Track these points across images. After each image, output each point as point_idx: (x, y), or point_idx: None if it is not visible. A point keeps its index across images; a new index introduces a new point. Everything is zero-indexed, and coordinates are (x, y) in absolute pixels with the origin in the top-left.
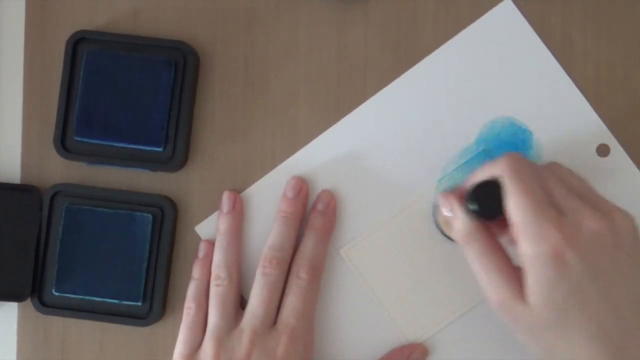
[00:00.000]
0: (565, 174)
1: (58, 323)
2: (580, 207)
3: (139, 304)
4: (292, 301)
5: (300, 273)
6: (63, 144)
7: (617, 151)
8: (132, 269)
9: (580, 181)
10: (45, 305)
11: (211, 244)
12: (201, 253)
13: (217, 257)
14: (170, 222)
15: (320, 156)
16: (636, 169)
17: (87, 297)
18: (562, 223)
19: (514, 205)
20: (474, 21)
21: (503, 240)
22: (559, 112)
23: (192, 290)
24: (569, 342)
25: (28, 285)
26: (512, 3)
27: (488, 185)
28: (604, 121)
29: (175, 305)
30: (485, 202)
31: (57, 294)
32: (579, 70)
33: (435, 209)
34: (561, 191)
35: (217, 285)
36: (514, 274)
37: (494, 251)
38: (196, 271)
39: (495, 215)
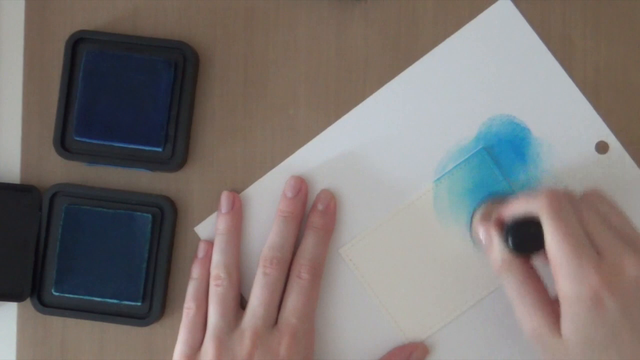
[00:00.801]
0: (605, 207)
1: (58, 323)
2: (620, 250)
3: (139, 304)
4: (293, 301)
5: (302, 273)
6: (63, 144)
7: (616, 148)
8: (131, 269)
9: (621, 216)
10: (45, 305)
11: (210, 244)
12: (200, 253)
13: (216, 257)
14: (169, 222)
15: (320, 155)
16: (635, 166)
17: (86, 297)
18: (601, 265)
19: (553, 245)
20: None
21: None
22: (557, 110)
23: (191, 290)
24: None
25: (27, 285)
26: (509, 1)
27: (527, 221)
28: (602, 118)
29: (174, 305)
30: (524, 239)
31: (56, 293)
32: (578, 68)
33: (473, 225)
34: (601, 229)
35: (217, 285)
36: (550, 307)
37: (531, 282)
38: (195, 271)
39: (533, 252)
